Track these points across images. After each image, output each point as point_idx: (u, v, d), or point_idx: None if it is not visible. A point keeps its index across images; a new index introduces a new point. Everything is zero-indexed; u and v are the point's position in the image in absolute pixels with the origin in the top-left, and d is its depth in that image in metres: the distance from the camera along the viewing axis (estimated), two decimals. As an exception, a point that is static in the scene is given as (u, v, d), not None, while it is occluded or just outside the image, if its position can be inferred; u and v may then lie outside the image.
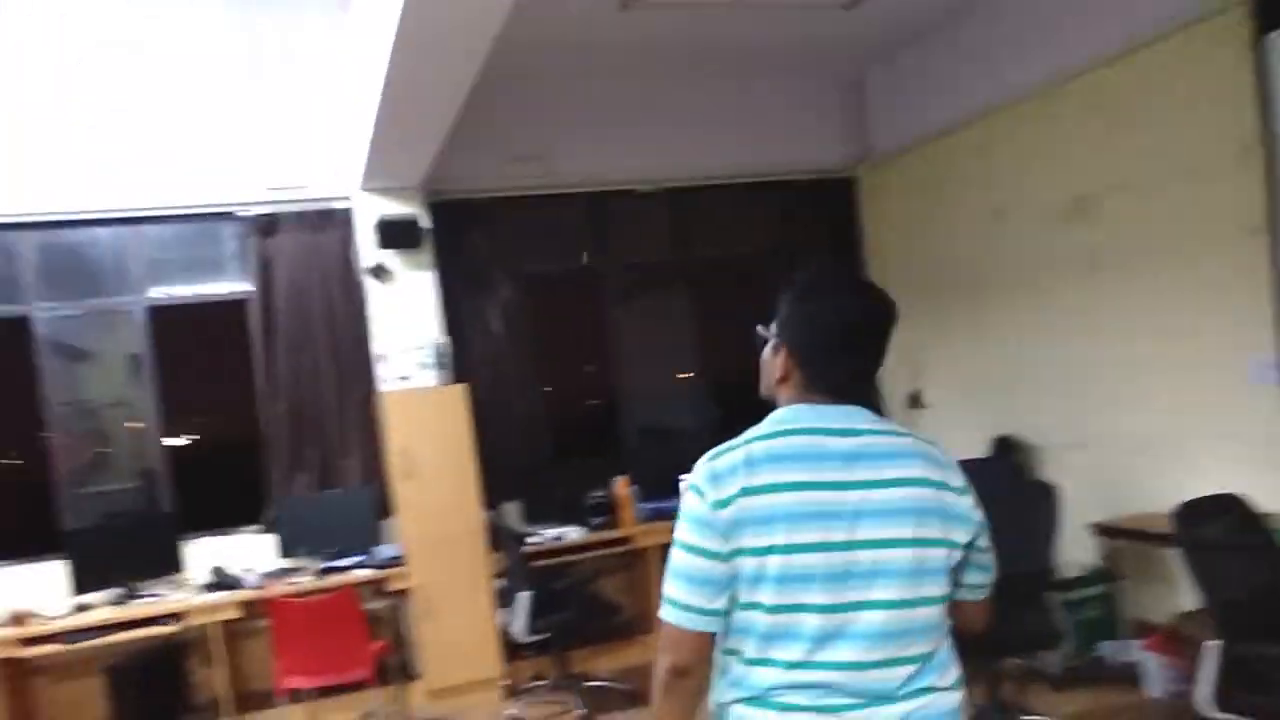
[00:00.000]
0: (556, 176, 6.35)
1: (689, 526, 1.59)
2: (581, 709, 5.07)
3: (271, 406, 5.76)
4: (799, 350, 1.65)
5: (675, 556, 1.61)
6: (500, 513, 5.87)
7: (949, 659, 1.64)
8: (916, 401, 6.68)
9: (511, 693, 5.41)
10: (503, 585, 5.31)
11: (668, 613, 1.60)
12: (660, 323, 6.90)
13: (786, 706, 1.55)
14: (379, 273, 5.83)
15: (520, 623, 5.03)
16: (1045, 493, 4.39)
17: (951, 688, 1.62)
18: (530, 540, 5.61)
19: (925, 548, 1.57)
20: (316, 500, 5.68)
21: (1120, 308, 5.02)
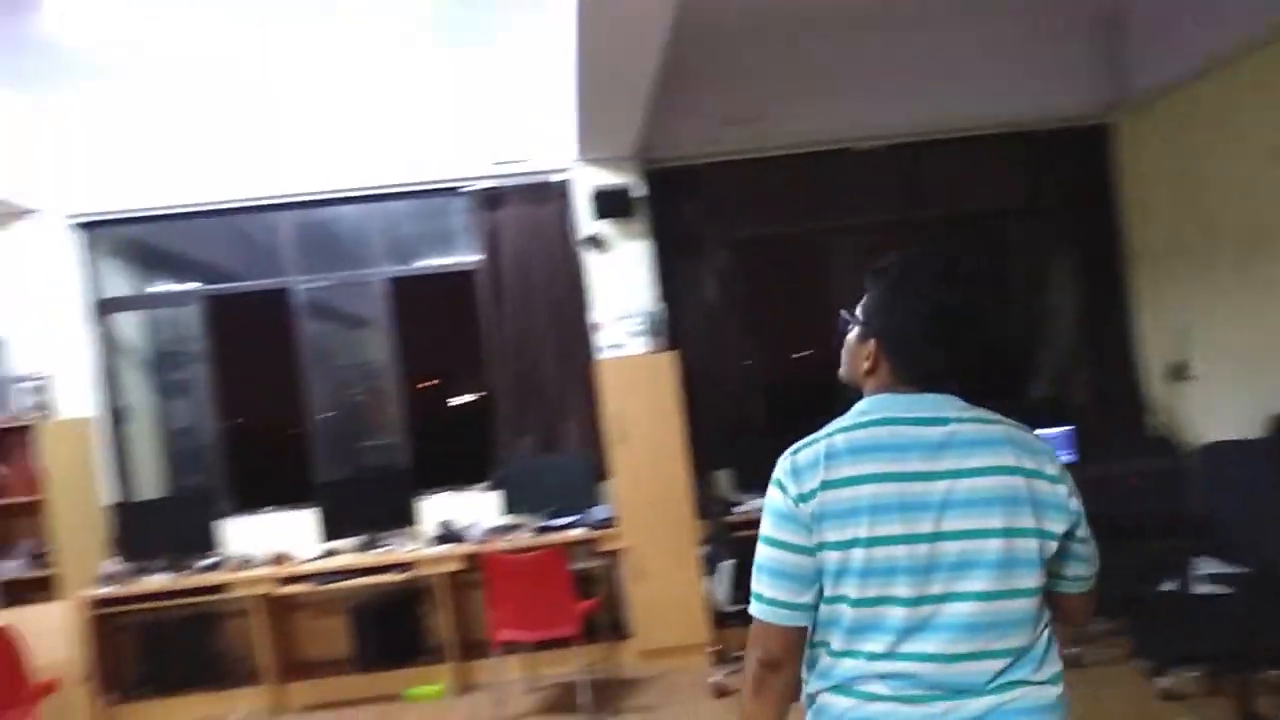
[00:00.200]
0: (772, 138, 6.18)
1: (773, 521, 1.59)
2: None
3: (498, 372, 6.05)
4: (888, 339, 1.62)
5: (761, 551, 1.61)
6: (711, 480, 5.86)
7: (1046, 653, 1.57)
8: (1180, 373, 5.96)
9: (719, 659, 5.40)
10: (707, 552, 5.30)
11: (755, 608, 1.60)
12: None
13: (868, 695, 1.53)
14: (594, 242, 5.95)
15: (723, 591, 5.00)
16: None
17: (1047, 682, 1.55)
18: (737, 509, 5.56)
19: (1016, 538, 1.52)
20: (538, 462, 5.92)
21: None
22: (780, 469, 1.61)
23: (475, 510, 5.91)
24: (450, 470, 6.14)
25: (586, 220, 5.95)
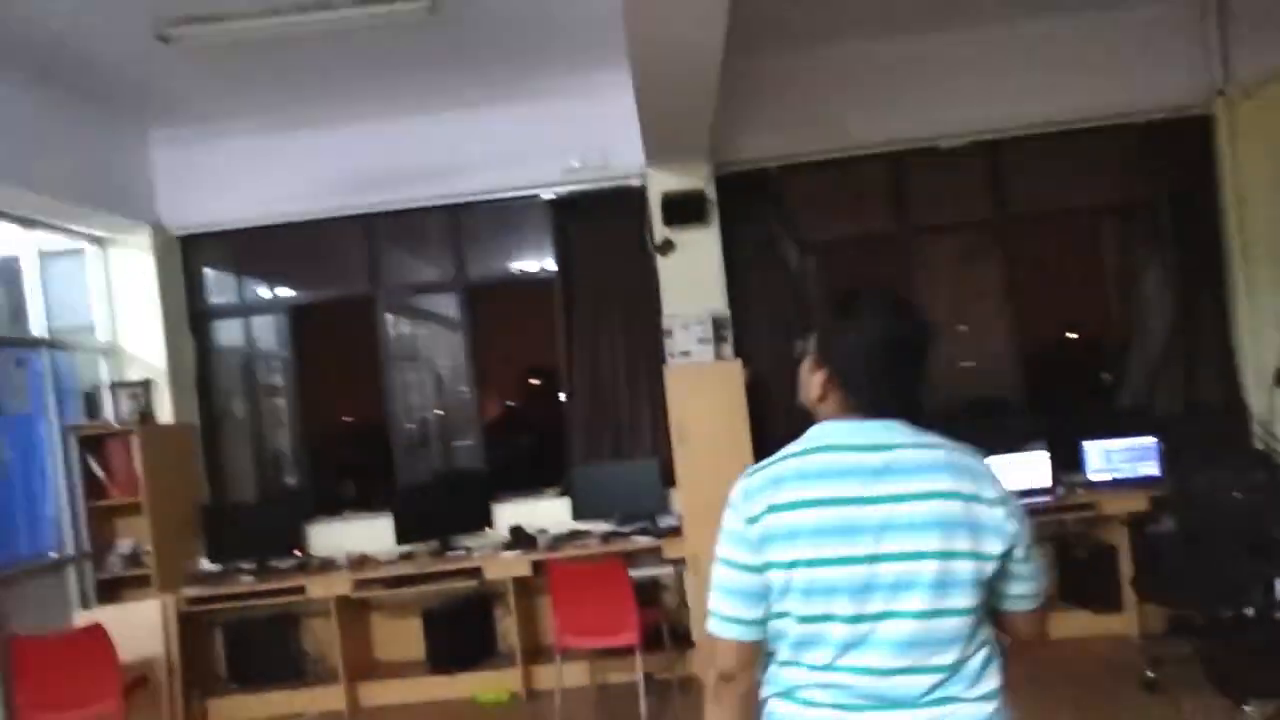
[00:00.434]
0: (850, 139, 6.05)
1: (725, 541, 1.68)
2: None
3: (572, 378, 6.10)
4: (837, 370, 1.69)
5: (714, 570, 1.69)
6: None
7: (982, 670, 1.62)
8: (1287, 379, 5.57)
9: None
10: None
11: (710, 623, 1.69)
12: (970, 289, 6.35)
13: (808, 702, 1.62)
14: (665, 248, 5.93)
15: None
16: None
17: (980, 699, 1.61)
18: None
19: (952, 560, 1.57)
20: (608, 468, 5.94)
21: None
22: (734, 491, 1.68)
23: (548, 515, 5.97)
24: (526, 475, 6.22)
25: (658, 226, 5.93)
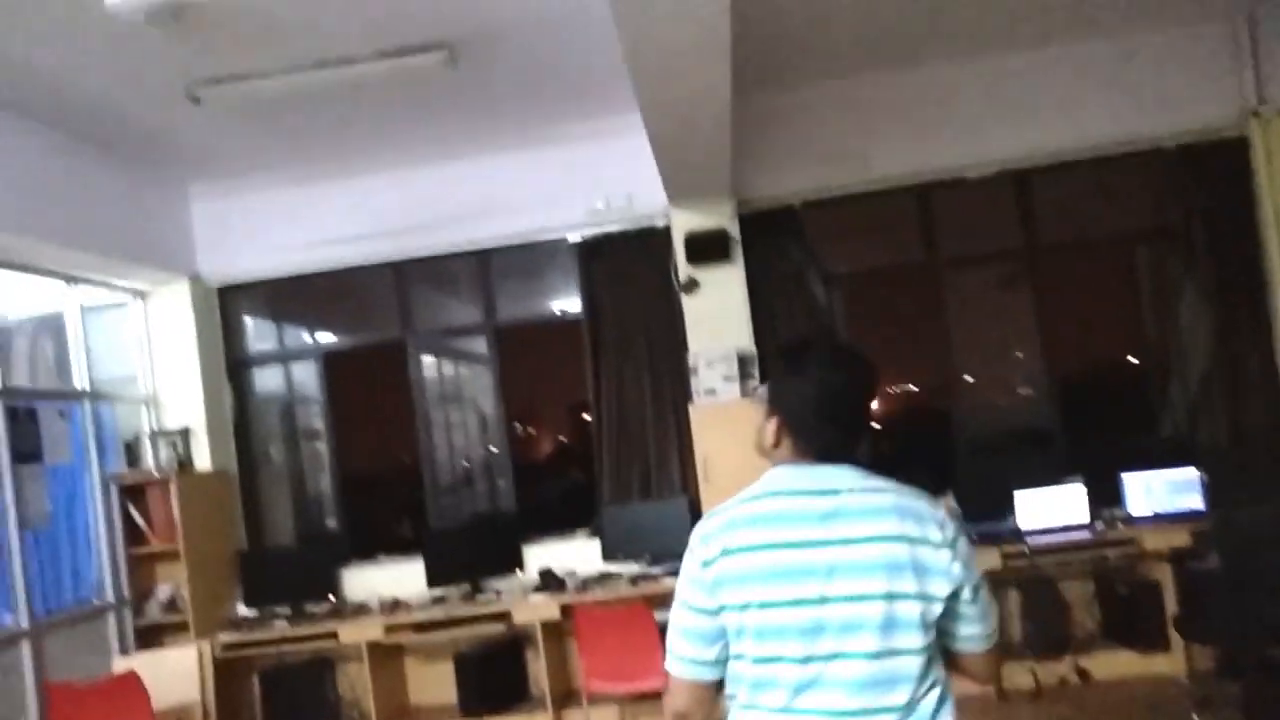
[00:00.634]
0: (873, 172, 6.02)
1: (683, 583, 1.73)
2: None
3: (599, 419, 6.11)
4: (789, 419, 1.74)
5: (673, 611, 1.74)
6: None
7: (936, 710, 1.65)
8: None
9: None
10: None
11: (668, 662, 1.74)
12: (1000, 320, 6.26)
13: None
14: (690, 286, 5.93)
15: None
16: None
17: None
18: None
19: (898, 601, 1.61)
20: (636, 509, 5.93)
21: None
22: (693, 535, 1.73)
23: (578, 557, 5.96)
24: (555, 517, 6.23)
25: (682, 264, 5.95)
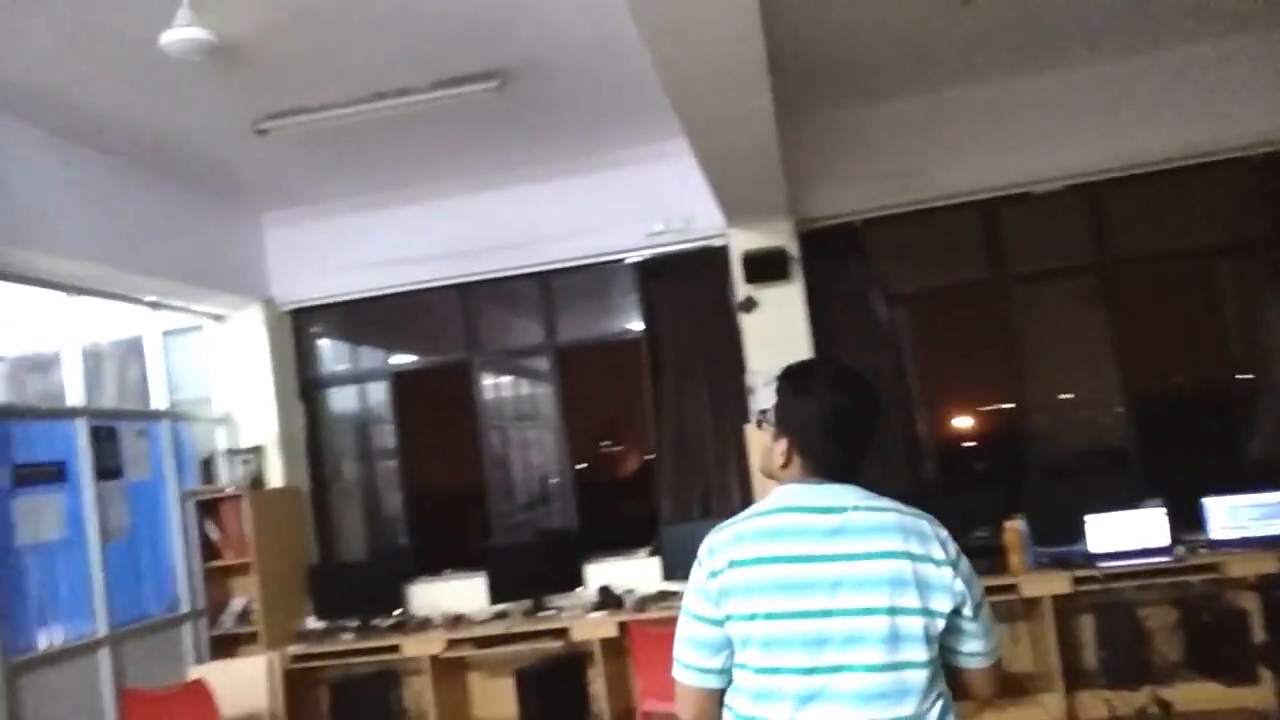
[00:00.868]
0: (936, 189, 5.93)
1: (691, 593, 1.78)
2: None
3: (660, 438, 6.12)
4: (797, 439, 1.81)
5: (680, 620, 1.80)
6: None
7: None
8: None
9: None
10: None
11: (675, 670, 1.80)
12: (1072, 338, 6.08)
13: None
14: (748, 305, 5.92)
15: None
16: None
17: None
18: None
19: (901, 616, 1.66)
20: (697, 527, 5.86)
21: None
22: (702, 547, 1.78)
23: (638, 576, 5.96)
24: (617, 536, 6.25)
25: (740, 284, 5.94)
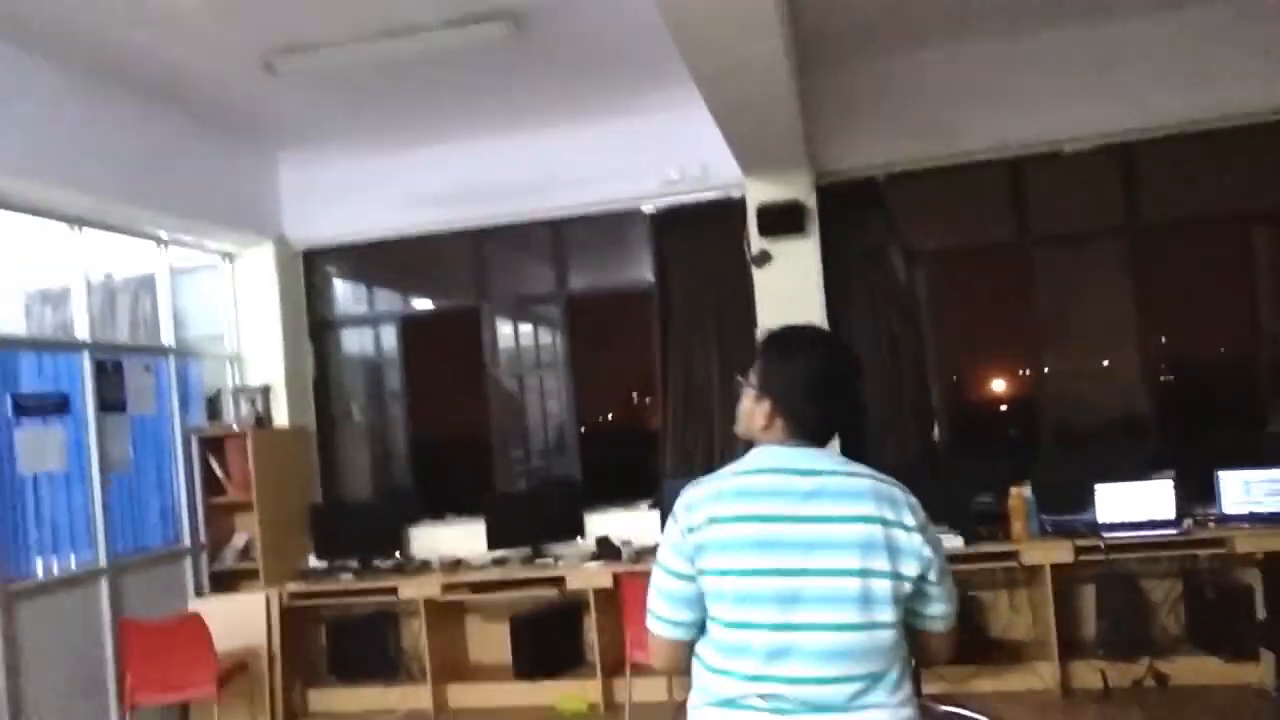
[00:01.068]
0: (961, 145, 5.73)
1: (665, 547, 1.84)
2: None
3: (665, 391, 6.04)
4: (780, 401, 1.86)
5: (653, 573, 1.86)
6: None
7: (900, 679, 1.78)
8: None
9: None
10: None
11: (648, 620, 1.87)
12: (1094, 303, 5.91)
13: (748, 707, 1.74)
14: (762, 259, 5.79)
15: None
16: None
17: (899, 704, 1.76)
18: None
19: (872, 578, 1.72)
20: (698, 483, 5.84)
21: None
22: (678, 502, 1.83)
23: (639, 527, 5.92)
24: (619, 486, 6.21)
25: (754, 237, 5.81)
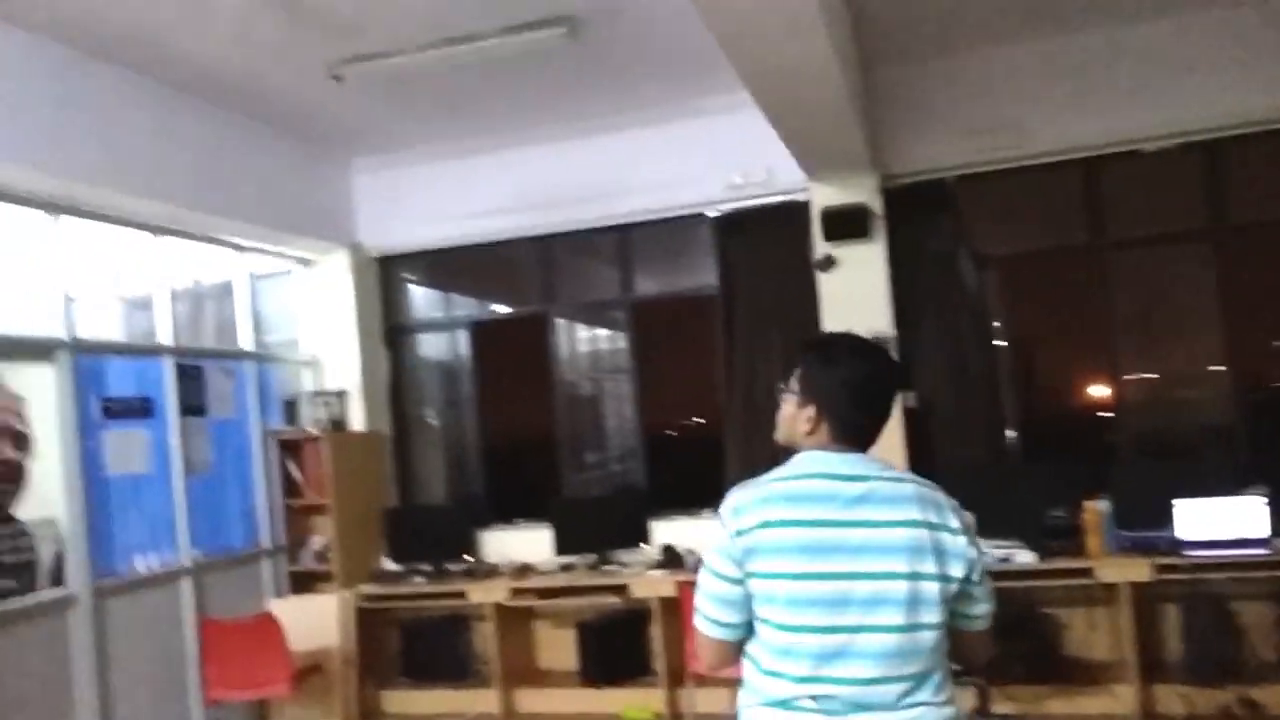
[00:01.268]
0: (1035, 145, 5.56)
1: (713, 552, 1.87)
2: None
3: (729, 397, 6.02)
4: (824, 406, 1.90)
5: (700, 575, 1.90)
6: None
7: (944, 679, 1.84)
8: None
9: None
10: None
11: (696, 620, 1.91)
12: (1176, 309, 5.69)
13: (800, 709, 1.78)
14: (826, 264, 5.72)
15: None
16: None
17: (944, 703, 1.82)
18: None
19: (920, 581, 1.77)
20: (764, 490, 5.80)
21: None
22: (725, 506, 1.87)
23: (702, 536, 5.89)
24: (684, 494, 6.20)
25: (819, 241, 5.74)
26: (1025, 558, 5.01)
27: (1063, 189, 5.72)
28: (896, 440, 5.20)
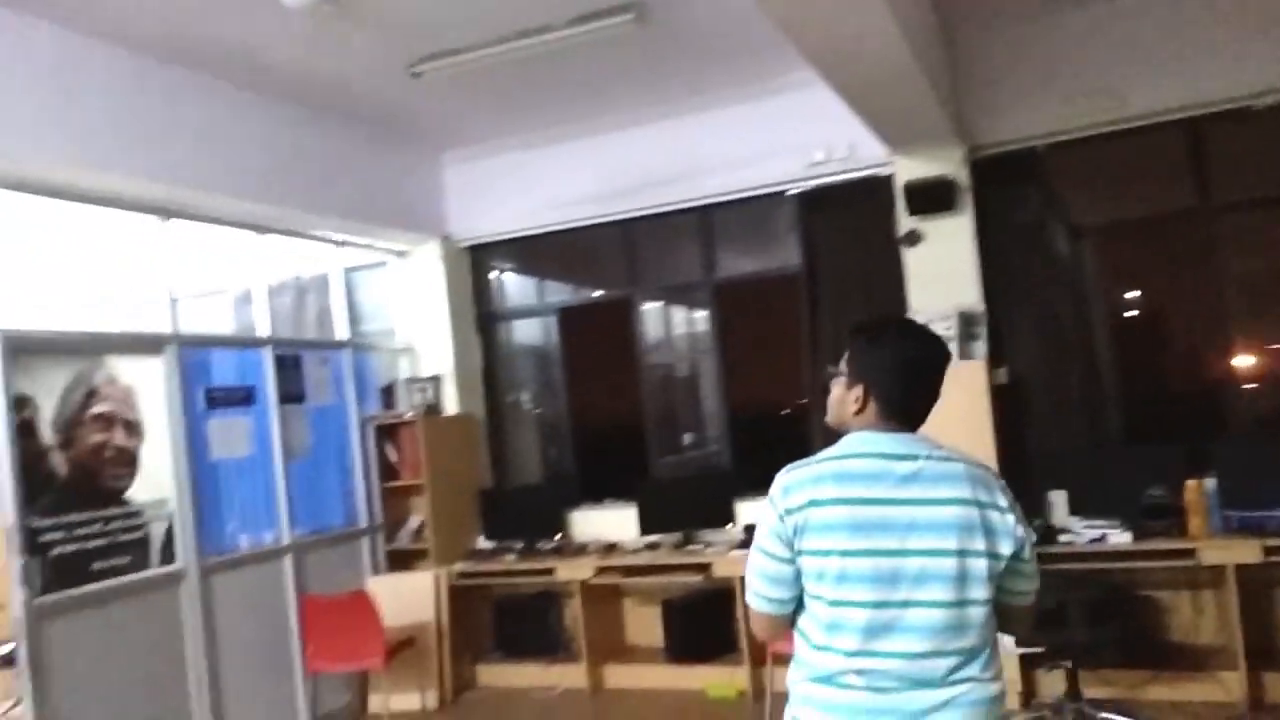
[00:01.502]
0: (1131, 108, 5.29)
1: (763, 531, 1.94)
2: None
3: (814, 377, 5.95)
4: (874, 386, 1.95)
5: (751, 553, 1.98)
6: (1046, 504, 5.21)
7: (992, 655, 1.87)
8: None
9: (1024, 703, 4.84)
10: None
11: (748, 595, 2.00)
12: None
13: (846, 685, 1.83)
14: (911, 239, 5.59)
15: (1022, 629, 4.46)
16: None
17: (991, 679, 1.85)
18: (1063, 538, 4.92)
19: (969, 558, 1.82)
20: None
21: None
22: (774, 486, 1.93)
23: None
24: (769, 473, 6.15)
25: (902, 216, 5.61)
26: (1120, 538, 4.80)
27: (1164, 152, 5.42)
28: (985, 418, 5.05)
